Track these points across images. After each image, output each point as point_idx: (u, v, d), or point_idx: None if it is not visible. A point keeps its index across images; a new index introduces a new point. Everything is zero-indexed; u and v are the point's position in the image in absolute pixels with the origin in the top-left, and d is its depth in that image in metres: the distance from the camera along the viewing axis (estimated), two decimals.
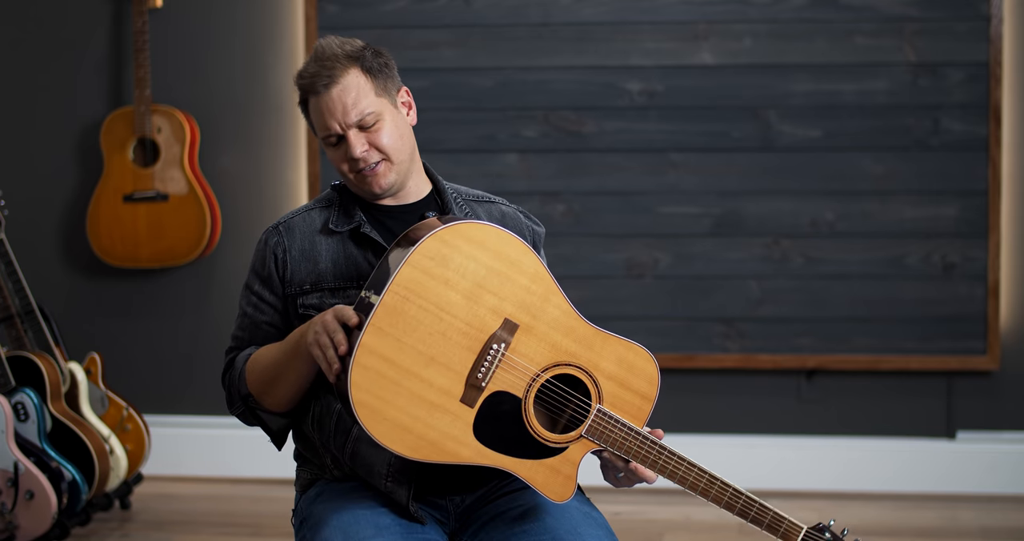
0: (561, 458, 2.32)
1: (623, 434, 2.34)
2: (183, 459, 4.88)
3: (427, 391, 2.22)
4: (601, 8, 4.65)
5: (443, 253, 2.23)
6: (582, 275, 4.65)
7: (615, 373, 2.34)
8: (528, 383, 2.28)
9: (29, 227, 4.88)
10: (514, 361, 2.27)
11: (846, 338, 4.63)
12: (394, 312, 2.21)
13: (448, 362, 2.24)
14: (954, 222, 4.57)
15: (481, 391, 2.26)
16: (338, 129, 2.43)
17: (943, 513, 4.45)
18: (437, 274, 2.23)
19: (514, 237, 2.28)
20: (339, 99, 2.42)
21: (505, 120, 4.68)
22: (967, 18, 4.52)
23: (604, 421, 2.32)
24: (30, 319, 4.37)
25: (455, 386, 2.24)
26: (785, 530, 2.50)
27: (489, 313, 2.25)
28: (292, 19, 4.78)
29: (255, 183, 4.84)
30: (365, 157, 2.43)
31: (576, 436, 2.32)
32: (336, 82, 2.42)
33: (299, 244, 2.48)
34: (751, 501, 2.44)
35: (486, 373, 2.25)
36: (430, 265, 2.22)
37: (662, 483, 2.59)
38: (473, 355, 2.25)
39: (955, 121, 4.55)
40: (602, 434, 2.33)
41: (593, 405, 2.32)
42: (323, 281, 2.46)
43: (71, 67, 4.88)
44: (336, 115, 2.42)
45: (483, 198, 2.61)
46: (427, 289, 2.22)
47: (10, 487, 4.01)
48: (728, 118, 4.63)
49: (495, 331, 2.25)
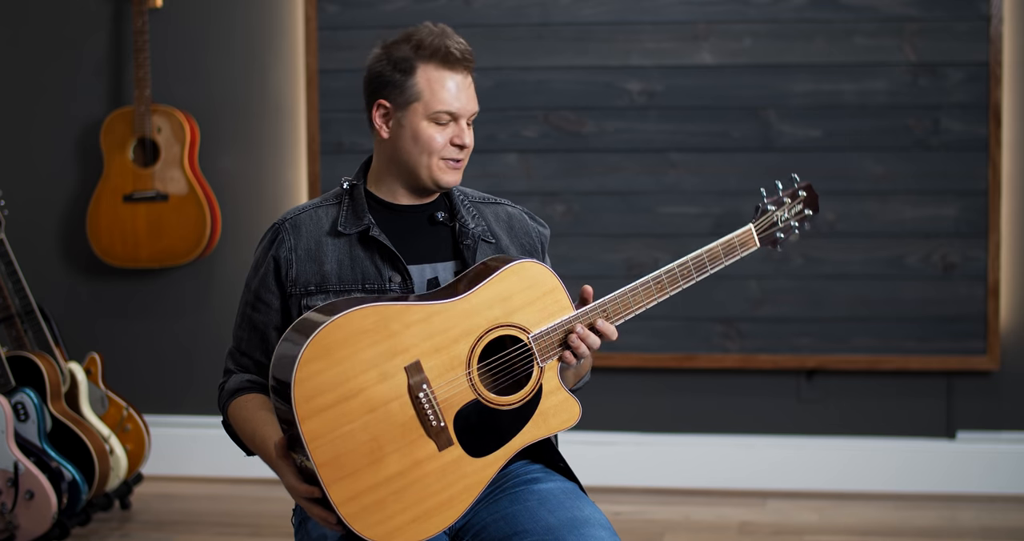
0: (545, 396, 2.39)
1: (563, 332, 2.39)
2: (183, 459, 4.88)
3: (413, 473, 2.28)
4: (601, 8, 4.65)
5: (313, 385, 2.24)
6: (582, 275, 4.65)
7: (516, 304, 2.38)
8: (469, 383, 2.33)
9: (29, 227, 4.88)
10: (444, 383, 2.32)
11: (846, 338, 4.63)
12: (331, 461, 2.24)
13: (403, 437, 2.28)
14: (954, 222, 4.57)
15: (445, 429, 2.31)
16: (462, 112, 2.45)
17: (943, 513, 4.45)
18: (324, 403, 2.24)
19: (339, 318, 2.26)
20: (470, 89, 2.47)
21: (505, 120, 4.68)
22: (967, 18, 4.52)
23: (545, 339, 2.38)
24: (30, 319, 4.37)
25: (426, 448, 2.30)
26: (741, 242, 2.58)
27: (388, 380, 2.29)
28: (292, 19, 4.78)
29: (255, 183, 4.84)
30: (466, 150, 2.47)
31: (539, 373, 2.38)
32: (471, 72, 2.47)
33: (304, 243, 2.48)
34: (697, 256, 2.53)
35: (436, 415, 2.30)
36: (315, 403, 2.24)
37: (662, 483, 2.59)
38: (414, 417, 2.29)
39: (955, 121, 4.55)
40: (551, 346, 2.39)
41: (526, 339, 2.37)
42: (328, 282, 2.46)
43: (71, 67, 4.88)
44: (465, 101, 2.45)
45: (490, 200, 2.62)
46: (332, 421, 2.25)
47: (10, 487, 4.01)
48: (728, 118, 4.63)
49: (408, 384, 2.30)
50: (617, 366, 4.67)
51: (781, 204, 2.61)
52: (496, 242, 2.55)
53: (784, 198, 2.61)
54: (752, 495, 4.65)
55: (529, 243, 2.60)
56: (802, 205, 2.62)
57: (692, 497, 4.64)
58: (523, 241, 2.60)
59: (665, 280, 2.49)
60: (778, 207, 2.60)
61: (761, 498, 4.62)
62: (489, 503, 2.46)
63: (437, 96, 2.44)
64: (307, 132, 4.76)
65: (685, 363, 4.68)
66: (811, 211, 2.62)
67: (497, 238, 2.56)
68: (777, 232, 2.60)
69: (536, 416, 2.38)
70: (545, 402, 2.38)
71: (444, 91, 2.44)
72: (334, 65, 4.73)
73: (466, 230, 2.52)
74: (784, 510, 4.51)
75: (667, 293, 2.50)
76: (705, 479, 4.71)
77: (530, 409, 2.37)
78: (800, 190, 2.61)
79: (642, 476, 4.73)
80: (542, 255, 2.62)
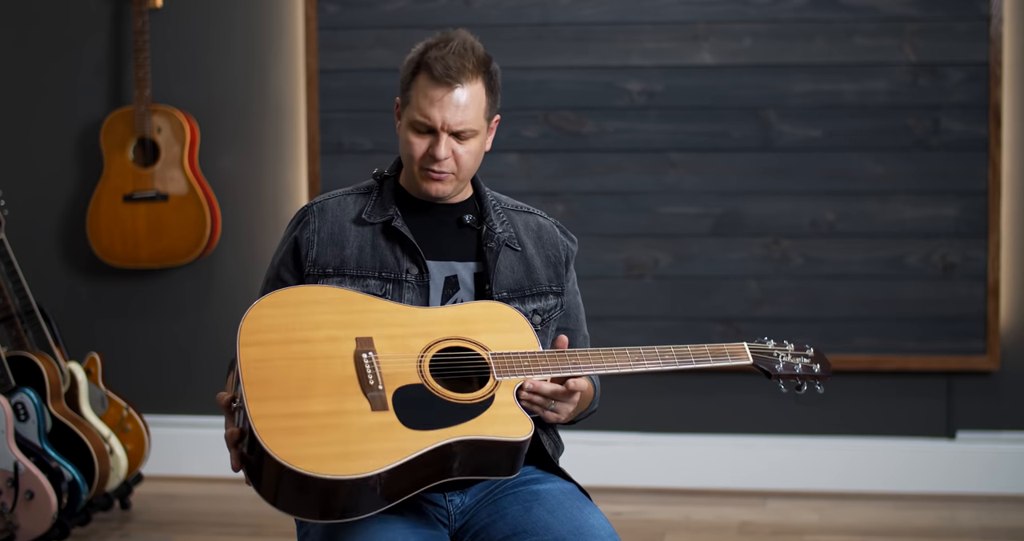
0: (496, 405, 2.31)
1: (529, 360, 2.36)
2: (183, 459, 4.88)
3: (339, 418, 2.23)
4: (601, 8, 4.65)
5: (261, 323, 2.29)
6: (582, 275, 4.63)
7: (484, 327, 2.37)
8: (418, 368, 2.31)
9: (29, 227, 4.88)
10: (391, 358, 2.31)
11: (846, 338, 4.63)
12: (259, 382, 2.23)
13: (338, 389, 2.26)
14: (954, 222, 4.57)
15: (382, 393, 2.27)
16: (438, 125, 2.44)
17: (943, 513, 4.45)
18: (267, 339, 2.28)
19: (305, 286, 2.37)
20: (456, 102, 2.44)
21: (505, 120, 4.66)
22: (967, 18, 4.52)
23: (505, 359, 2.35)
24: (30, 319, 4.37)
25: (358, 403, 2.25)
26: (730, 353, 2.52)
27: (336, 342, 2.30)
28: (292, 19, 4.78)
29: (255, 183, 4.84)
30: (443, 163, 2.46)
31: (494, 382, 2.34)
32: (463, 84, 2.43)
33: (329, 227, 2.50)
34: (682, 348, 2.47)
35: (375, 376, 2.28)
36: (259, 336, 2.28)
37: (662, 483, 2.59)
38: (353, 375, 2.28)
39: (955, 121, 4.55)
40: (512, 368, 2.35)
41: (485, 353, 2.35)
42: (346, 267, 2.48)
43: (71, 67, 4.88)
44: (445, 113, 2.44)
45: (522, 208, 2.62)
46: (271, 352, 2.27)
47: (10, 487, 4.01)
48: (728, 118, 4.63)
49: (355, 349, 2.30)
50: None
51: (782, 345, 2.57)
52: (522, 250, 2.55)
53: (786, 343, 2.58)
54: (752, 495, 4.65)
55: (555, 255, 2.60)
56: (809, 359, 2.58)
57: (692, 497, 4.64)
58: (549, 253, 2.59)
59: (643, 354, 2.45)
60: (778, 345, 2.57)
61: (761, 498, 4.62)
62: (489, 503, 2.46)
63: (419, 105, 2.46)
64: (307, 132, 4.76)
65: None
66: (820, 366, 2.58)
67: (523, 246, 2.56)
68: (775, 364, 2.54)
69: (482, 417, 2.29)
70: (495, 410, 2.31)
71: (425, 101, 2.45)
72: (334, 65, 4.74)
73: (492, 233, 2.53)
74: (784, 510, 4.51)
75: (642, 365, 2.44)
76: (705, 479, 4.71)
77: (476, 410, 2.30)
78: (807, 346, 2.60)
79: (642, 476, 4.73)
80: (565, 269, 2.61)
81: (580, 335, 2.65)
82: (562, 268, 2.60)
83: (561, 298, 2.59)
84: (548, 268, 2.58)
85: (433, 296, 2.48)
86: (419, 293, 2.46)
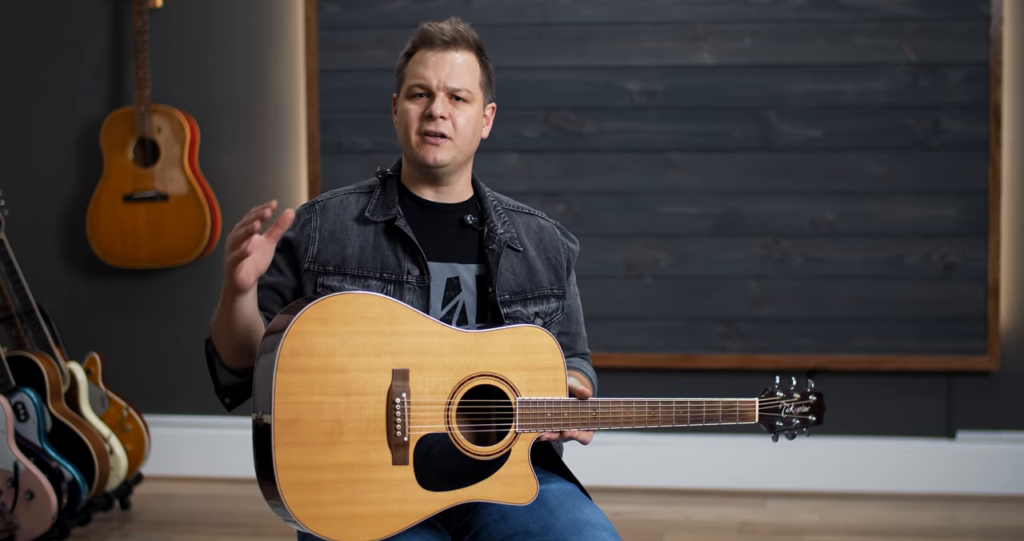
0: (510, 463, 2.35)
1: (553, 410, 2.37)
2: (183, 459, 4.88)
3: (360, 473, 2.25)
4: (601, 8, 4.65)
5: (303, 342, 2.25)
6: (582, 275, 4.63)
7: (517, 362, 2.36)
8: (444, 414, 2.31)
9: (29, 227, 4.88)
10: (422, 403, 2.30)
11: (846, 338, 4.63)
12: (289, 423, 2.23)
13: (363, 437, 2.26)
14: (954, 222, 4.57)
15: (406, 446, 2.28)
16: (433, 84, 2.45)
17: (943, 513, 4.45)
18: (306, 365, 2.25)
19: (352, 294, 2.30)
20: (451, 62, 2.46)
21: (505, 120, 4.68)
22: (967, 18, 4.52)
23: (530, 408, 2.36)
24: (30, 319, 4.37)
25: (382, 454, 2.27)
26: (741, 411, 2.54)
27: (373, 373, 2.28)
28: (292, 19, 4.78)
29: (255, 183, 4.84)
30: (441, 123, 2.45)
31: (512, 437, 2.35)
32: (457, 50, 2.47)
33: (330, 225, 2.50)
34: (697, 403, 2.48)
35: (403, 427, 2.28)
36: (299, 360, 2.24)
37: (662, 483, 2.59)
38: (383, 419, 2.27)
39: (955, 121, 4.55)
40: (534, 421, 2.36)
41: (513, 400, 2.35)
42: (347, 266, 2.47)
43: (71, 67, 4.88)
44: (440, 73, 2.46)
45: (523, 210, 2.62)
46: (308, 384, 2.24)
47: (10, 487, 4.01)
48: (728, 118, 4.63)
49: (390, 386, 2.28)
50: (617, 366, 4.67)
51: (789, 397, 2.58)
52: (523, 251, 2.55)
53: (794, 393, 2.58)
54: (752, 495, 4.65)
55: (556, 258, 2.60)
56: (808, 409, 2.59)
57: (692, 497, 4.64)
58: (550, 255, 2.59)
59: (661, 408, 2.45)
60: (786, 397, 2.58)
61: (761, 498, 4.62)
62: (489, 504, 2.46)
63: (411, 73, 2.48)
64: (307, 132, 4.76)
65: (685, 363, 4.68)
66: (815, 418, 2.58)
67: (525, 248, 2.55)
68: (777, 420, 2.57)
69: (494, 477, 2.33)
70: (508, 468, 2.34)
71: (418, 67, 2.47)
72: (334, 65, 4.74)
73: (494, 235, 2.52)
74: (784, 510, 4.51)
75: (656, 419, 2.45)
76: (705, 479, 4.71)
77: (492, 467, 2.34)
78: (811, 394, 2.59)
79: (642, 476, 4.73)
80: (566, 271, 2.61)
81: (580, 338, 2.66)
82: (563, 270, 2.60)
83: (563, 301, 2.59)
84: (549, 271, 2.57)
85: (434, 298, 2.47)
86: (420, 295, 2.46)
